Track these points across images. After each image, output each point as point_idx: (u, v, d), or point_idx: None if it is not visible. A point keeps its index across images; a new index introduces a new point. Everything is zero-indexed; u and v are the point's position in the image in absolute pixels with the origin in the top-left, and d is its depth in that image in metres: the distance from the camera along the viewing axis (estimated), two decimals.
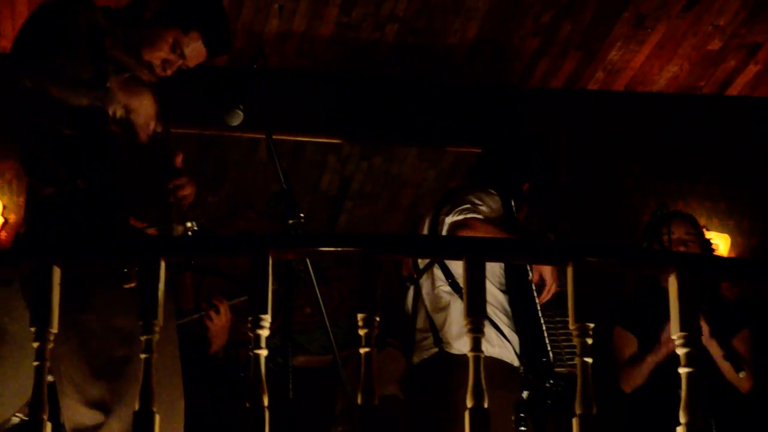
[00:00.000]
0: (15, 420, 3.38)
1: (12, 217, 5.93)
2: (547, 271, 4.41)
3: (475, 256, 2.67)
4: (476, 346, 2.62)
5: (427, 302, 4.51)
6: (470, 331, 2.65)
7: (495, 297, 4.43)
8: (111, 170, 3.14)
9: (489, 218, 4.39)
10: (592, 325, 2.63)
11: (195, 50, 3.41)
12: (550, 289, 4.44)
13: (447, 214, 4.42)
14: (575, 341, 2.64)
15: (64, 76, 3.10)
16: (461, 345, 4.32)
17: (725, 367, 4.71)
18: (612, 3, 5.88)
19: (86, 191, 3.11)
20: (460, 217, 4.35)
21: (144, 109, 3.25)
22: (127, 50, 3.30)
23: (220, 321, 4.87)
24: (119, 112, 3.18)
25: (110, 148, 3.14)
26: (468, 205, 4.40)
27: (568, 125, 6.55)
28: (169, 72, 3.41)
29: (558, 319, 4.58)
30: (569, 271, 2.66)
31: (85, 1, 3.31)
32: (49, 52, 3.11)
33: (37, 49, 3.11)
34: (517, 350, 4.42)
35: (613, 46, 6.21)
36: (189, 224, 3.22)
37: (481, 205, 4.42)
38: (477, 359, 2.61)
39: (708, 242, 5.11)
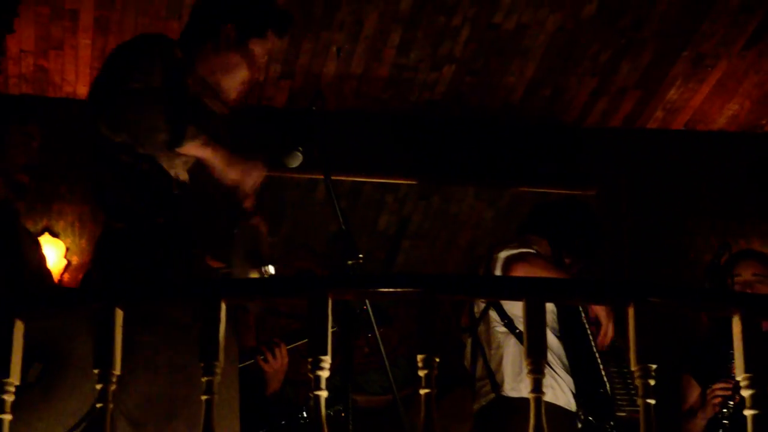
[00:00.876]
0: None
1: (75, 259, 6.01)
2: (601, 312, 4.39)
3: (535, 297, 2.65)
4: (537, 387, 2.60)
5: (484, 345, 4.50)
6: (531, 372, 2.62)
7: (549, 341, 4.39)
8: (188, 208, 3.15)
9: (541, 255, 4.41)
10: (654, 366, 2.60)
11: (271, 46, 3.44)
12: (607, 332, 4.40)
13: (500, 250, 4.43)
14: (637, 382, 2.61)
15: (142, 135, 3.08)
16: (517, 387, 4.30)
17: None
18: (671, 42, 5.86)
19: (164, 227, 3.12)
20: (515, 251, 4.36)
21: (219, 163, 3.24)
22: (206, 85, 3.31)
23: (276, 364, 4.87)
24: (182, 177, 3.18)
25: (189, 189, 3.16)
26: (521, 243, 4.42)
27: (627, 164, 6.52)
28: (260, 76, 3.43)
29: (613, 370, 4.54)
30: (630, 311, 2.63)
31: (162, 40, 3.33)
32: (128, 106, 3.07)
33: (116, 97, 3.09)
34: (573, 392, 4.38)
35: (672, 85, 6.18)
36: (265, 268, 3.24)
37: (534, 244, 4.45)
38: (538, 400, 2.58)
39: None
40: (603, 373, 4.41)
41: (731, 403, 4.50)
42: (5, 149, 3.70)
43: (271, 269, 3.27)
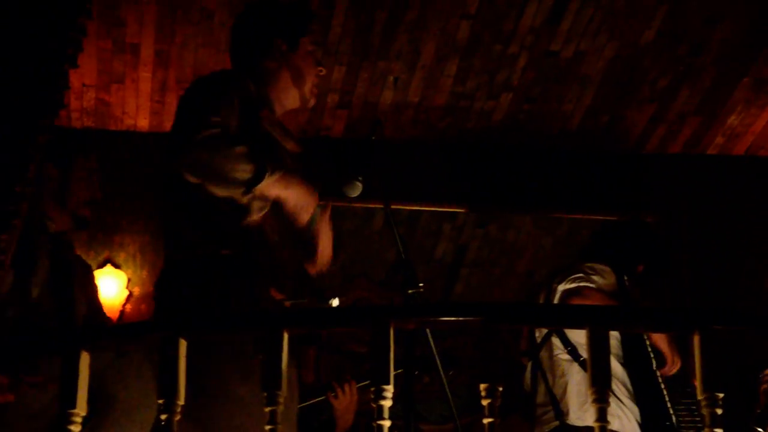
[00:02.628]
0: None
1: (136, 290, 6.06)
2: (662, 344, 4.35)
3: (599, 325, 2.63)
4: (602, 416, 2.57)
5: (548, 372, 4.46)
6: (595, 401, 2.60)
7: (615, 368, 4.36)
8: (254, 240, 3.17)
9: (602, 288, 4.34)
10: (721, 395, 2.57)
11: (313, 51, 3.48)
12: (673, 361, 4.37)
13: (559, 282, 4.39)
14: (704, 411, 2.58)
15: (221, 174, 3.09)
16: (582, 416, 4.27)
17: None
18: (731, 68, 5.82)
19: (229, 259, 3.14)
20: (572, 285, 4.32)
21: (293, 197, 3.26)
22: (276, 123, 3.34)
23: (345, 400, 4.85)
24: (262, 212, 3.19)
25: (255, 221, 3.17)
26: (581, 274, 4.37)
27: (687, 191, 6.47)
28: (316, 92, 3.46)
29: (679, 392, 4.50)
30: (696, 339, 2.61)
31: (237, 75, 3.35)
32: (207, 147, 3.09)
33: (194, 140, 3.10)
34: (639, 420, 4.34)
35: (733, 111, 6.14)
36: (331, 301, 3.25)
37: (593, 275, 4.40)
38: (602, 429, 2.56)
39: None
40: (668, 401, 4.38)
41: None
42: (68, 184, 3.74)
43: (336, 302, 3.28)
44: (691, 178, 6.50)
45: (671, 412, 4.38)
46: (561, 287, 4.37)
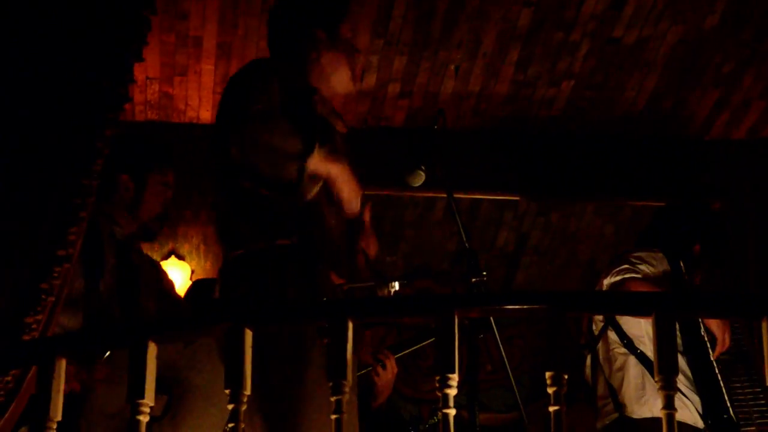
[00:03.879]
0: None
1: None
2: (713, 325, 4.32)
3: (665, 312, 2.62)
4: (669, 403, 2.56)
5: (605, 366, 4.46)
6: (662, 388, 2.59)
7: None
8: (309, 226, 3.18)
9: (649, 277, 4.30)
10: None
11: (354, 38, 3.48)
12: (724, 342, 4.34)
13: (606, 275, 4.36)
14: None
15: (272, 149, 3.11)
16: (641, 408, 4.26)
17: None
18: None
19: (286, 248, 3.15)
20: (618, 278, 4.29)
21: (342, 177, 3.27)
22: (328, 104, 3.36)
23: (386, 375, 4.88)
24: (314, 192, 3.20)
25: (310, 207, 3.18)
26: (626, 265, 4.32)
27: (752, 176, 6.40)
28: (358, 81, 3.47)
29: (744, 378, 4.46)
30: (764, 325, 2.59)
31: (276, 62, 3.37)
32: (256, 123, 3.10)
33: (242, 118, 3.12)
34: (700, 411, 4.31)
35: None
36: (391, 284, 3.26)
37: (640, 264, 4.35)
38: (670, 417, 2.55)
39: None
40: (724, 389, 4.35)
41: None
42: (142, 197, 3.77)
43: (397, 285, 3.28)
44: (755, 164, 6.43)
45: (728, 403, 4.34)
46: (606, 281, 4.35)
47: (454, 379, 2.61)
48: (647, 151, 6.46)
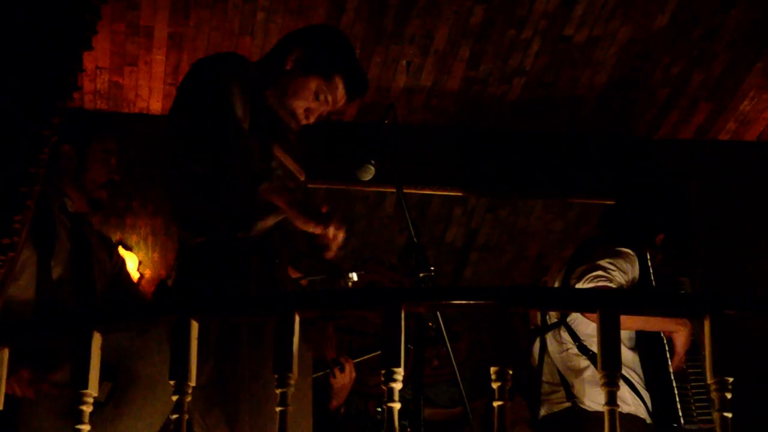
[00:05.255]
0: None
1: (147, 273, 6.08)
2: (680, 341, 4.33)
3: (609, 309, 2.64)
4: (611, 399, 2.58)
5: (558, 361, 4.45)
6: (605, 384, 2.61)
7: (625, 355, 4.35)
8: (269, 220, 3.18)
9: (621, 286, 4.28)
10: (731, 379, 2.58)
11: (337, 95, 3.44)
12: (681, 359, 4.36)
13: (578, 279, 4.32)
14: (714, 395, 2.59)
15: (235, 171, 3.12)
16: (594, 401, 4.27)
17: None
18: (744, 54, 5.81)
19: (245, 240, 3.15)
20: (590, 285, 4.27)
21: (295, 168, 3.28)
22: (281, 101, 3.36)
23: (344, 379, 4.89)
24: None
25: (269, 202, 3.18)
26: (599, 272, 4.28)
27: (699, 176, 6.46)
28: (311, 120, 3.44)
29: (690, 371, 4.50)
30: (706, 324, 2.62)
31: (239, 60, 3.36)
32: (218, 143, 3.10)
33: (202, 131, 3.12)
34: (650, 409, 4.34)
35: (745, 97, 6.13)
36: (351, 275, 3.26)
37: (613, 271, 4.29)
38: (612, 413, 2.57)
39: None
40: (675, 391, 4.37)
41: None
42: (86, 167, 3.74)
43: (355, 277, 3.28)
44: (703, 164, 6.49)
45: (679, 411, 4.35)
46: (578, 286, 4.31)
47: (400, 373, 2.61)
48: (597, 149, 6.50)
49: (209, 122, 3.13)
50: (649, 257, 4.48)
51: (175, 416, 2.63)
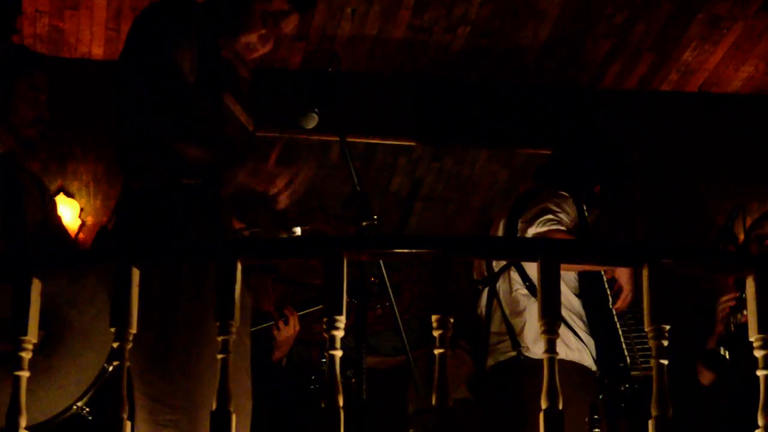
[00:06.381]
0: (75, 410, 3.41)
1: (89, 219, 6.03)
2: (624, 277, 4.37)
3: (550, 258, 2.66)
4: (551, 347, 2.61)
5: (505, 306, 4.47)
6: (544, 332, 2.64)
7: (570, 301, 4.40)
8: (215, 169, 3.15)
9: (570, 228, 4.32)
10: (667, 327, 2.62)
11: (285, 15, 3.40)
12: (627, 296, 4.40)
13: (529, 224, 4.32)
14: (651, 343, 2.62)
15: (191, 134, 3.10)
16: (539, 349, 4.30)
17: None
18: (686, 4, 5.84)
19: (190, 188, 3.12)
20: (544, 229, 4.27)
21: (245, 118, 3.27)
22: (233, 50, 3.32)
23: (288, 331, 4.88)
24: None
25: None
26: (550, 215, 4.30)
27: (641, 126, 6.51)
28: (269, 47, 3.40)
29: (631, 321, 4.55)
30: (645, 272, 2.65)
31: (185, 6, 3.31)
32: (165, 100, 3.08)
33: (149, 87, 3.08)
34: (594, 354, 4.39)
35: (687, 47, 6.16)
36: (295, 229, 3.25)
37: (560, 212, 4.33)
38: (551, 361, 2.60)
39: None
40: (620, 333, 4.42)
41: (739, 315, 4.58)
42: (12, 103, 3.66)
43: (299, 231, 3.28)
44: (645, 114, 6.53)
45: (625, 351, 4.41)
46: (531, 230, 4.30)
47: (341, 320, 2.62)
48: (541, 99, 6.52)
49: (156, 78, 3.09)
50: (585, 209, 4.52)
51: (115, 363, 2.63)
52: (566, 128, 6.30)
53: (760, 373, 2.60)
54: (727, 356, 4.55)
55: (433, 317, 2.64)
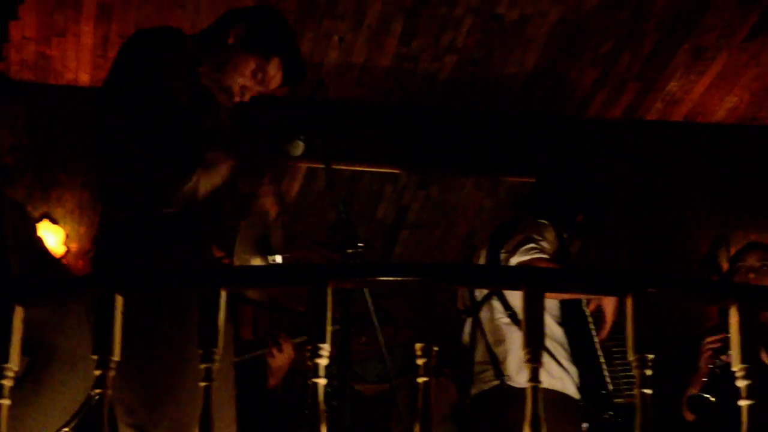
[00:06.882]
0: None
1: (74, 246, 6.02)
2: (608, 308, 4.38)
3: (534, 286, 2.66)
4: (534, 376, 2.61)
5: (488, 334, 4.48)
6: (528, 361, 2.63)
7: (552, 330, 4.40)
8: (196, 197, 3.16)
9: (552, 256, 4.33)
10: (651, 356, 2.62)
11: (273, 76, 3.44)
12: (609, 327, 4.41)
13: (511, 253, 4.34)
14: (634, 372, 2.62)
15: (170, 149, 3.11)
16: (523, 378, 4.29)
17: None
18: (672, 34, 5.87)
19: (171, 217, 3.13)
20: (527, 257, 4.29)
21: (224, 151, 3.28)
22: (213, 77, 3.34)
23: (281, 359, 4.87)
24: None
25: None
26: (532, 243, 4.32)
27: (627, 155, 6.54)
28: (246, 98, 3.42)
29: (615, 349, 4.55)
30: (629, 302, 2.65)
31: (174, 34, 3.33)
32: (154, 121, 3.09)
33: (138, 109, 3.10)
34: (577, 382, 4.39)
35: (672, 77, 6.19)
36: (272, 258, 3.25)
37: (542, 241, 4.35)
38: (535, 390, 2.59)
39: None
40: (603, 361, 4.42)
41: (723, 357, 4.58)
42: None
43: (278, 259, 3.27)
44: (631, 143, 6.56)
45: (608, 379, 4.42)
46: (514, 260, 4.32)
47: (326, 349, 2.62)
48: (527, 127, 6.54)
49: (145, 100, 3.11)
50: (565, 238, 4.54)
51: (98, 391, 2.61)
52: (550, 157, 6.34)
53: (742, 403, 2.60)
54: (713, 400, 4.55)
55: (417, 345, 2.63)
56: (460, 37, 5.92)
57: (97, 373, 2.61)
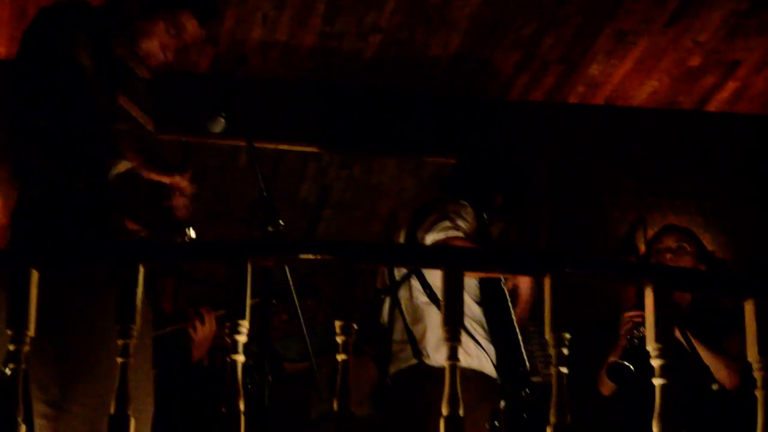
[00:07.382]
0: None
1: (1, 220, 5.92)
2: (524, 286, 4.43)
3: (454, 266, 2.68)
4: (453, 354, 2.64)
5: (406, 314, 4.51)
6: (447, 340, 2.66)
7: (471, 309, 4.44)
8: (109, 171, 3.14)
9: (468, 234, 4.38)
10: (568, 336, 2.65)
11: (189, 26, 3.42)
12: (527, 304, 4.45)
13: (427, 231, 4.38)
14: (551, 351, 2.66)
15: (80, 123, 3.08)
16: (440, 357, 4.32)
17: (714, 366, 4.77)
18: (594, 18, 5.91)
19: (84, 191, 3.10)
20: (441, 235, 4.33)
21: (142, 117, 3.25)
22: (128, 47, 3.32)
23: (204, 331, 4.84)
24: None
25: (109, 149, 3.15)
26: (447, 222, 4.37)
27: (548, 138, 6.59)
28: (170, 56, 3.41)
29: (532, 329, 4.61)
30: (547, 281, 2.68)
31: (84, 7, 3.30)
32: (63, 94, 3.07)
33: (47, 83, 3.08)
34: (495, 361, 4.43)
35: (594, 61, 6.24)
36: (187, 230, 3.23)
37: (458, 220, 4.40)
38: (453, 368, 2.62)
39: (709, 254, 5.18)
40: (521, 345, 4.47)
41: (642, 329, 4.66)
42: None
43: (192, 233, 3.26)
44: (552, 126, 6.61)
45: (525, 356, 4.47)
46: (429, 238, 4.36)
47: (245, 325, 2.62)
48: (450, 109, 6.56)
49: (54, 73, 3.09)
50: (486, 219, 4.59)
51: (11, 366, 2.59)
52: (472, 139, 6.37)
53: (656, 381, 2.65)
54: (632, 368, 4.62)
55: (336, 323, 2.64)
56: (384, 17, 5.91)
57: (11, 348, 2.59)
